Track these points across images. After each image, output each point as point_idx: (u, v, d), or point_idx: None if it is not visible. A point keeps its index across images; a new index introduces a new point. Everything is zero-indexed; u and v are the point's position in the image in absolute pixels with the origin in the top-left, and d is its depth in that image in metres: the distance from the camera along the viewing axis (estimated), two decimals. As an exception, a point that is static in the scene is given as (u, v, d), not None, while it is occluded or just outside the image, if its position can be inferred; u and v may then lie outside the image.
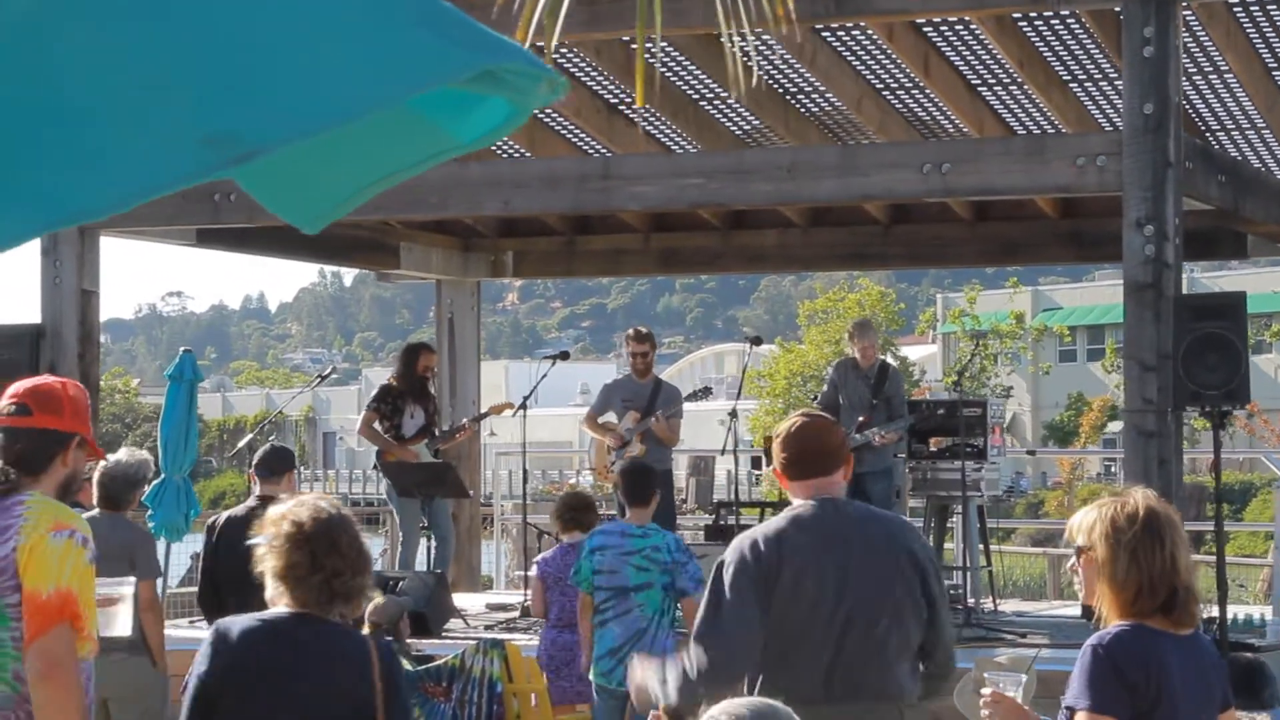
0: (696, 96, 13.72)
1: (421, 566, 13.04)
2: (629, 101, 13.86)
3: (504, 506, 18.49)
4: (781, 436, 5.38)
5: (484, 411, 14.68)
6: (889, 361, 13.96)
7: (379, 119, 2.83)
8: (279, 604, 4.44)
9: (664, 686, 5.30)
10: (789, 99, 13.67)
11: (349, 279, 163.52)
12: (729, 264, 16.60)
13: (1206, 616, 9.53)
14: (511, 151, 14.51)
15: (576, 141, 14.56)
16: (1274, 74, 12.70)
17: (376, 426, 13.31)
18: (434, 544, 12.91)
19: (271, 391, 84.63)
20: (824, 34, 12.46)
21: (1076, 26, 11.89)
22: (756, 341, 14.90)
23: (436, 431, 13.52)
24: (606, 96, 13.84)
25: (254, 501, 8.87)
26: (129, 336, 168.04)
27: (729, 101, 13.68)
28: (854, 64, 12.93)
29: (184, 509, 12.96)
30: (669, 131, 14.32)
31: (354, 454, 68.96)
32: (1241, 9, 11.77)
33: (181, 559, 14.13)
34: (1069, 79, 12.83)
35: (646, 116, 14.09)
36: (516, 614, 12.56)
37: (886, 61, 12.84)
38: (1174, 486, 9.84)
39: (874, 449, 12.51)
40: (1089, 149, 10.49)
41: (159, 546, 10.76)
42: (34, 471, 4.79)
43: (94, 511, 8.38)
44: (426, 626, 11.59)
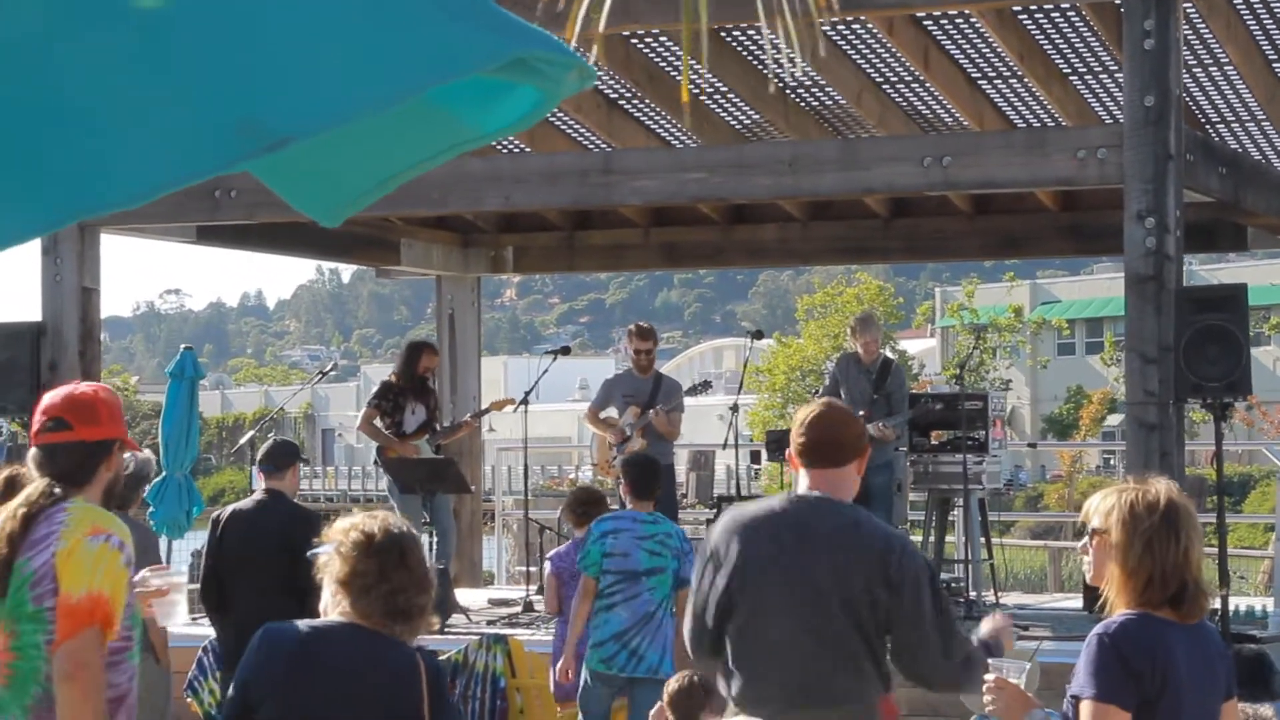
0: (696, 91, 13.71)
1: (423, 562, 13.01)
2: (629, 96, 13.86)
3: (505, 502, 18.49)
4: (801, 421, 5.38)
5: (485, 408, 14.67)
6: (891, 357, 13.93)
7: (398, 111, 2.82)
8: (334, 613, 4.36)
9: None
10: (789, 93, 13.66)
11: (347, 275, 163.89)
12: (729, 259, 16.58)
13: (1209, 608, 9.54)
14: (512, 147, 14.50)
15: (577, 137, 14.55)
16: (1274, 66, 12.69)
17: (377, 423, 13.29)
18: (436, 540, 12.90)
19: (270, 388, 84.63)
20: (824, 27, 12.46)
21: (1077, 19, 11.89)
22: (757, 336, 14.89)
23: (438, 427, 13.51)
24: (607, 92, 13.83)
25: (260, 496, 8.88)
26: (127, 334, 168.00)
27: (729, 96, 13.67)
28: (854, 58, 12.92)
29: (185, 506, 12.98)
30: (669, 126, 14.31)
31: (353, 450, 68.95)
32: (1242, 1, 11.76)
33: (183, 555, 14.13)
34: (1069, 72, 12.82)
35: (646, 111, 14.09)
36: (519, 609, 12.57)
37: (886, 55, 12.83)
38: (1175, 479, 9.83)
39: (875, 443, 12.50)
40: (1089, 142, 10.49)
41: (160, 543, 10.77)
42: (79, 483, 4.86)
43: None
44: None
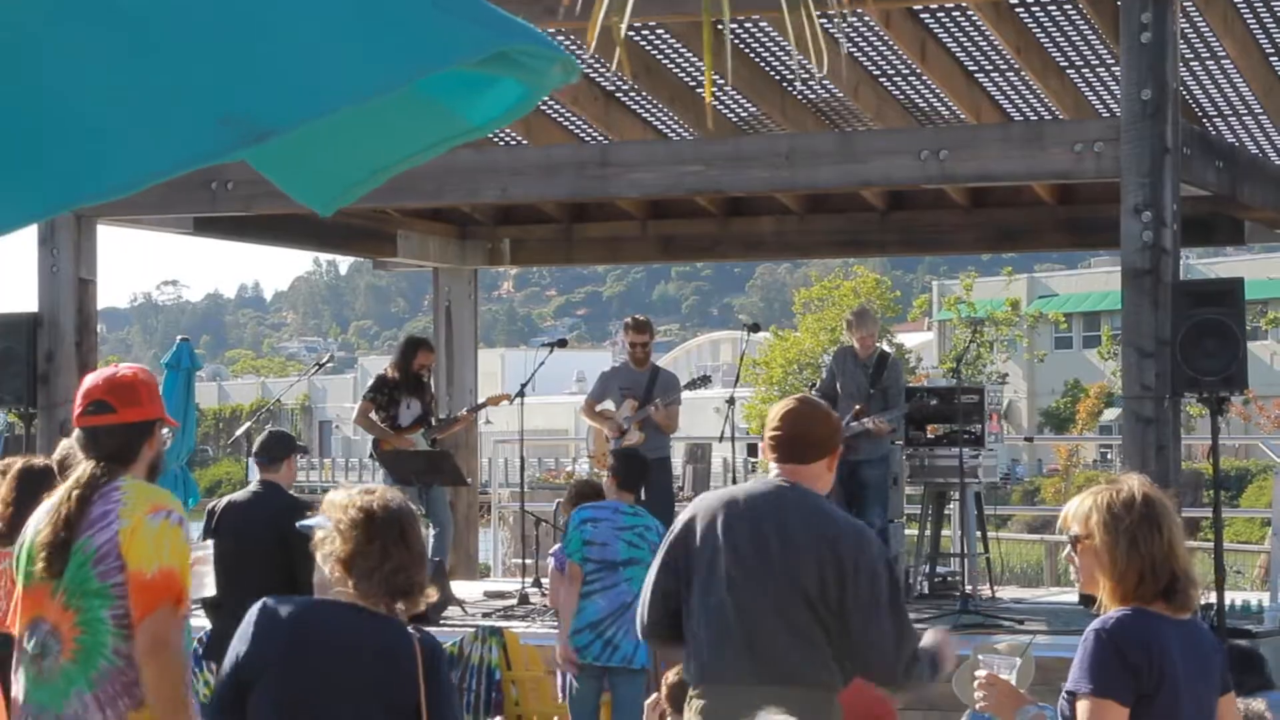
0: (694, 84, 13.70)
1: (419, 554, 13.02)
2: (626, 89, 13.85)
3: (501, 494, 18.49)
4: (775, 415, 5.44)
5: (481, 403, 14.66)
6: (888, 350, 13.91)
7: (391, 102, 2.83)
8: (332, 590, 4.32)
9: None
10: (786, 86, 13.65)
11: (344, 267, 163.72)
12: (727, 251, 16.58)
13: (1204, 603, 9.54)
14: (509, 139, 14.48)
15: (574, 129, 14.54)
16: (1271, 60, 12.69)
17: (373, 416, 13.29)
18: (432, 532, 12.90)
19: (267, 380, 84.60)
20: (821, 20, 12.43)
21: (1074, 12, 11.88)
22: (754, 329, 14.85)
23: (433, 420, 13.50)
24: (604, 84, 13.82)
25: (256, 487, 8.88)
26: (124, 325, 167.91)
27: (726, 89, 13.66)
28: (851, 50, 12.91)
29: (181, 497, 12.97)
30: (666, 119, 14.30)
31: (350, 442, 68.91)
32: (1239, -5, 11.77)
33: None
34: (1066, 65, 12.81)
35: (642, 103, 14.08)
36: (514, 601, 12.57)
37: (884, 48, 12.82)
38: (1172, 473, 9.86)
39: (871, 436, 12.50)
40: (1087, 135, 10.49)
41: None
42: (126, 462, 5.03)
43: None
44: (424, 614, 11.55)
